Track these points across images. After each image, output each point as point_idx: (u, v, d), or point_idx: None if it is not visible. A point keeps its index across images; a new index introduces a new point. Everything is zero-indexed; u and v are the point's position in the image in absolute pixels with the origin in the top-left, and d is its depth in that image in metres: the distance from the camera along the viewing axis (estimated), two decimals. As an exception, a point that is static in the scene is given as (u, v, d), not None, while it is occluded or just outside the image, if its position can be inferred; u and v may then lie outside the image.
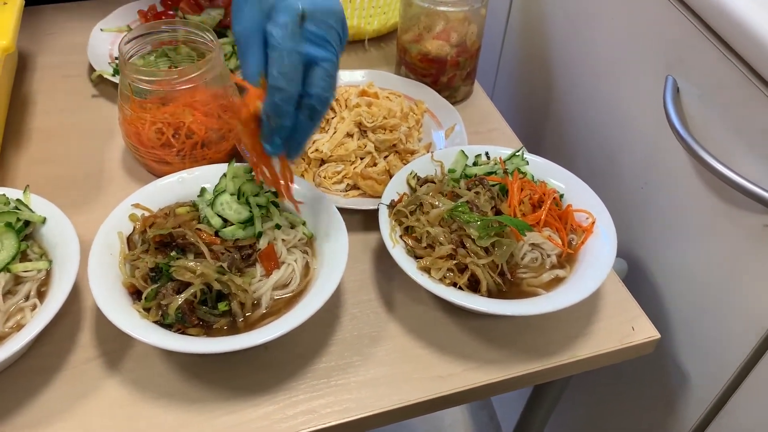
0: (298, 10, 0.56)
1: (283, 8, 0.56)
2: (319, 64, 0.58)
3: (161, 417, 0.62)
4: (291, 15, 0.56)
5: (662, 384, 0.84)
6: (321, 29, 0.57)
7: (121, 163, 0.86)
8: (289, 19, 0.56)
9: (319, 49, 0.57)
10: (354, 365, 0.66)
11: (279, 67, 0.57)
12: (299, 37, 0.56)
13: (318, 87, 0.58)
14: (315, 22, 0.56)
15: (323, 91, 0.59)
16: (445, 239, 0.67)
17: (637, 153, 0.84)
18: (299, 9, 0.56)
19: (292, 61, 0.57)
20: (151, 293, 0.62)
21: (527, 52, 1.11)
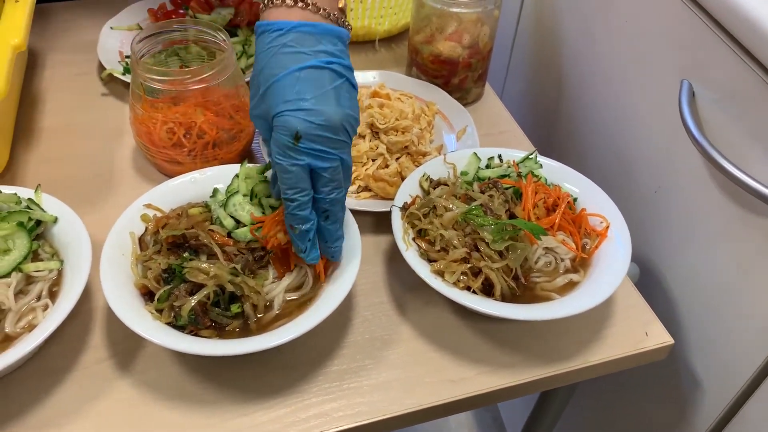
0: (292, 131, 0.56)
1: (279, 126, 0.57)
2: (320, 172, 0.59)
3: (173, 419, 0.61)
4: (286, 135, 0.57)
5: (674, 390, 0.84)
6: (318, 144, 0.57)
7: (131, 163, 0.86)
8: (284, 139, 0.57)
9: (318, 160, 0.58)
10: (366, 368, 0.66)
11: (283, 180, 0.59)
12: (296, 152, 0.57)
13: (322, 192, 0.60)
14: (311, 139, 0.57)
15: (327, 194, 0.60)
16: (459, 242, 0.66)
17: (650, 157, 0.83)
18: (294, 129, 0.56)
19: (293, 174, 0.58)
20: (163, 294, 0.62)
21: (538, 53, 1.11)
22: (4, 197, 0.68)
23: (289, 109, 0.57)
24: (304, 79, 0.57)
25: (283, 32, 0.58)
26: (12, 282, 0.63)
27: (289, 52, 0.58)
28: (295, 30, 0.58)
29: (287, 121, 0.56)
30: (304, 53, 0.58)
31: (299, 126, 0.56)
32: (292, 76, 0.57)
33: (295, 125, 0.56)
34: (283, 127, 0.57)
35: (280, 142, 0.57)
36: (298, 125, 0.56)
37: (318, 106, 0.57)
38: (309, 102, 0.57)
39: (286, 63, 0.57)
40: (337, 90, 0.58)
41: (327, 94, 0.57)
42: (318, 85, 0.57)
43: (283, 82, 0.57)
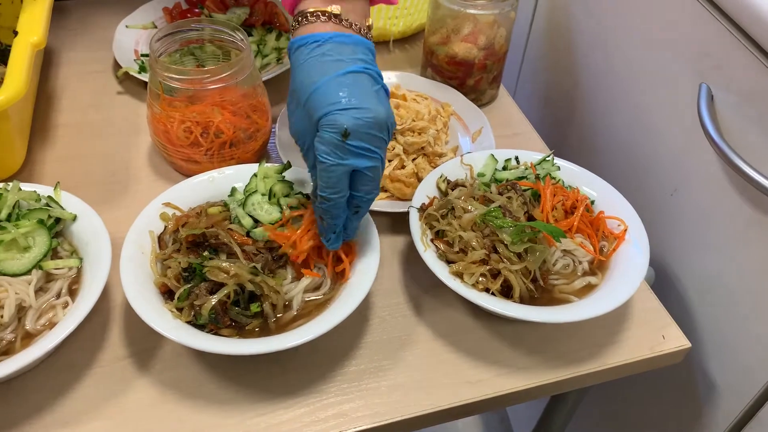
0: (341, 128, 0.57)
1: (327, 125, 0.58)
2: (363, 171, 0.60)
3: (192, 418, 0.61)
4: (335, 132, 0.57)
5: (689, 393, 0.84)
6: (365, 142, 0.58)
7: (147, 161, 0.86)
8: (332, 137, 0.58)
9: (363, 159, 0.59)
10: (384, 369, 0.66)
11: (324, 180, 0.60)
12: (343, 151, 0.58)
13: (362, 191, 0.62)
14: (359, 137, 0.58)
15: (366, 194, 0.62)
16: (478, 244, 0.66)
17: (667, 159, 0.83)
18: (343, 127, 0.57)
19: (336, 174, 0.59)
20: (184, 293, 0.62)
21: (551, 55, 1.10)
22: (24, 194, 0.68)
23: (337, 109, 0.57)
24: (348, 82, 0.59)
25: (320, 43, 0.61)
26: (32, 279, 0.63)
27: (329, 60, 0.60)
28: (332, 40, 0.61)
29: (336, 119, 0.57)
30: (343, 60, 0.60)
31: (348, 123, 0.57)
32: (334, 81, 0.59)
33: (343, 122, 0.57)
34: (331, 126, 0.57)
35: (327, 140, 0.58)
36: (346, 122, 0.57)
37: (364, 104, 0.58)
38: (355, 101, 0.58)
39: (326, 70, 0.59)
40: (378, 92, 0.60)
41: (370, 94, 0.59)
42: (361, 87, 0.59)
43: (326, 87, 0.58)
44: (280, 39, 1.02)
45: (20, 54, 0.74)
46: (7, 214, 0.66)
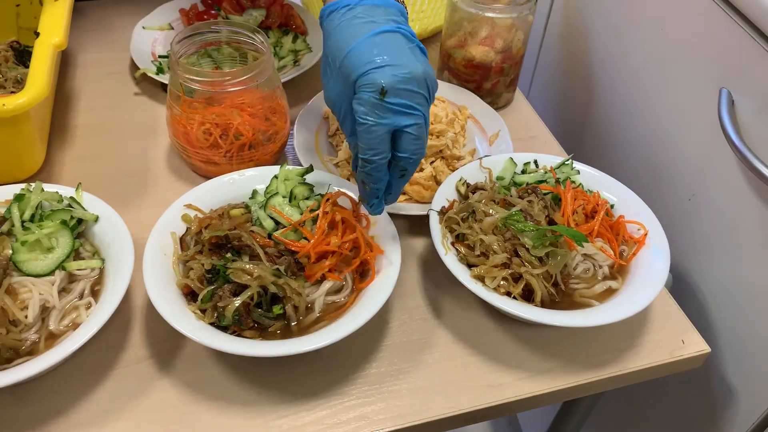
0: (378, 86, 0.57)
1: (364, 85, 0.58)
2: (406, 130, 0.59)
3: (215, 419, 0.61)
4: (372, 91, 0.57)
5: (705, 398, 0.84)
6: (403, 98, 0.58)
7: (166, 162, 0.86)
8: (370, 96, 0.58)
9: (404, 117, 0.59)
10: (404, 371, 0.66)
11: (365, 141, 0.59)
12: (382, 110, 0.58)
13: (407, 151, 0.60)
14: (396, 94, 0.57)
15: (412, 154, 0.61)
16: (499, 248, 0.66)
17: (685, 165, 0.83)
18: (380, 85, 0.57)
19: (377, 134, 0.59)
20: (207, 295, 0.62)
21: (566, 59, 1.11)
22: (47, 195, 0.68)
23: (372, 68, 0.58)
24: (381, 42, 0.59)
25: (351, 6, 0.61)
26: (56, 280, 0.63)
27: (361, 22, 0.60)
28: (362, 3, 0.61)
29: (373, 77, 0.57)
30: (375, 21, 0.60)
31: (385, 80, 0.57)
32: (368, 41, 0.59)
33: (380, 80, 0.57)
34: (369, 84, 0.58)
35: (365, 99, 0.58)
36: (383, 80, 0.57)
37: (400, 61, 0.58)
38: (390, 59, 0.58)
39: (359, 32, 0.59)
40: (413, 50, 0.60)
41: (405, 52, 0.59)
42: (396, 45, 0.59)
43: (360, 47, 0.59)
44: (296, 41, 1.02)
45: (42, 55, 0.75)
46: (30, 215, 0.66)
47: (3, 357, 0.59)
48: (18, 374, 0.56)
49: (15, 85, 0.87)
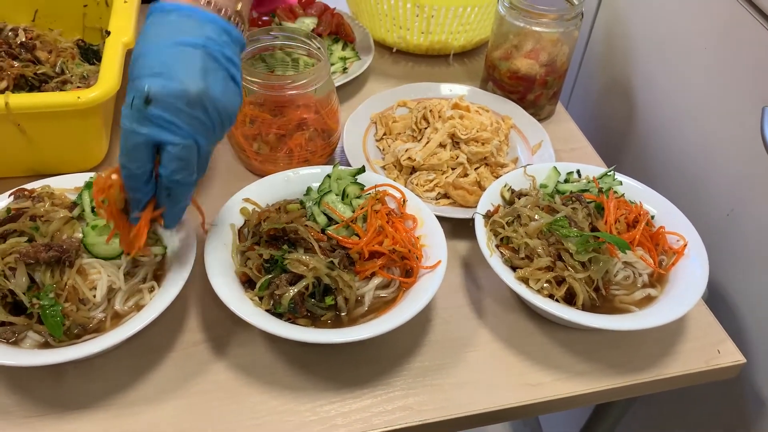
0: (144, 93, 0.54)
1: (132, 88, 0.55)
2: (166, 147, 0.56)
3: (266, 402, 0.65)
4: (138, 96, 0.55)
5: (738, 410, 0.85)
6: (168, 113, 0.55)
7: (222, 158, 0.90)
8: (135, 100, 0.55)
9: (165, 132, 0.55)
10: (447, 366, 0.69)
11: (122, 144, 0.57)
12: (142, 118, 0.55)
13: (166, 169, 0.57)
14: (161, 106, 0.54)
15: (171, 173, 0.57)
16: (544, 251, 0.69)
17: (725, 180, 0.85)
18: (146, 91, 0.54)
19: (133, 141, 0.56)
20: (264, 283, 0.65)
21: (607, 74, 1.13)
22: (115, 184, 0.72)
23: (148, 74, 0.55)
24: (174, 53, 0.55)
25: (166, 11, 0.58)
26: (122, 264, 0.67)
27: (167, 29, 0.57)
28: (179, 11, 0.57)
29: (142, 83, 0.54)
30: (183, 31, 0.56)
31: (152, 88, 0.54)
32: (163, 49, 0.56)
33: (148, 86, 0.54)
34: (136, 89, 0.55)
35: (130, 103, 0.55)
36: (151, 87, 0.54)
37: (178, 75, 0.55)
38: (170, 71, 0.55)
39: (160, 38, 0.56)
40: (207, 71, 0.56)
41: (193, 69, 0.55)
42: (186, 59, 0.55)
43: (151, 53, 0.56)
44: (345, 49, 1.06)
45: (113, 52, 0.79)
46: (100, 202, 0.70)
47: (72, 333, 0.63)
48: (85, 349, 0.60)
49: (81, 81, 0.91)
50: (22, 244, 0.65)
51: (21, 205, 0.69)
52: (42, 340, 0.62)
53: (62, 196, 0.72)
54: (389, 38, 1.10)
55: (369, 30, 1.10)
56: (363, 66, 1.02)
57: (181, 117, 0.55)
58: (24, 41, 0.92)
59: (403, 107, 0.97)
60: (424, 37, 1.06)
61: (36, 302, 0.61)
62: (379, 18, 1.06)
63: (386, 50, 1.13)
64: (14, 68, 0.87)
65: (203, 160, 0.60)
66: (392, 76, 1.09)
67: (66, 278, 0.64)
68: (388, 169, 0.87)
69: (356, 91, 1.04)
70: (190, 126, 0.56)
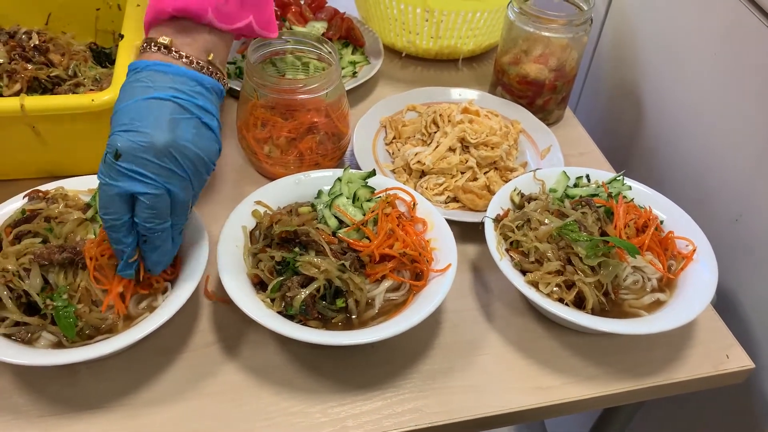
0: (114, 148, 0.58)
1: (108, 144, 0.59)
2: (138, 197, 0.59)
3: (277, 404, 0.65)
4: (110, 152, 0.58)
5: (745, 416, 0.85)
6: (137, 166, 0.57)
7: (233, 160, 0.90)
8: (108, 156, 0.58)
9: (136, 183, 0.58)
10: (456, 370, 0.69)
11: (99, 197, 0.60)
12: (115, 172, 0.58)
13: (139, 218, 0.60)
14: (130, 159, 0.57)
15: (144, 221, 0.60)
16: (554, 255, 0.69)
17: (732, 186, 0.85)
18: (115, 147, 0.57)
19: (106, 194, 0.59)
20: (276, 285, 0.66)
21: (615, 79, 1.13)
22: (128, 186, 0.73)
23: (119, 130, 0.58)
24: (144, 107, 0.58)
25: (138, 70, 0.61)
26: (135, 265, 0.67)
27: (139, 86, 0.60)
28: (150, 68, 0.60)
29: (113, 139, 0.58)
30: (152, 87, 0.59)
31: (121, 144, 0.57)
32: (133, 105, 0.59)
33: (117, 143, 0.57)
34: (108, 145, 0.58)
35: (104, 159, 0.59)
36: (120, 143, 0.57)
37: (145, 129, 0.58)
38: (138, 124, 0.58)
39: (132, 94, 0.59)
40: (177, 121, 0.59)
41: (161, 121, 0.58)
42: (154, 113, 0.58)
43: (123, 110, 0.59)
44: (355, 53, 1.07)
45: (126, 55, 0.80)
46: (113, 204, 0.71)
47: (85, 334, 0.63)
48: (98, 350, 0.60)
49: (93, 84, 0.92)
50: (37, 245, 0.65)
51: (35, 207, 0.70)
52: (55, 340, 0.63)
53: (76, 198, 0.73)
54: (398, 43, 1.10)
55: (378, 34, 1.10)
56: (373, 70, 1.03)
57: (149, 168, 0.58)
58: (37, 44, 0.93)
59: (412, 111, 0.97)
60: (434, 41, 1.07)
61: (50, 303, 0.62)
62: (388, 22, 1.07)
63: (395, 54, 1.14)
64: (28, 71, 0.87)
65: (180, 207, 0.62)
66: (401, 80, 1.09)
67: (79, 280, 0.64)
68: (398, 173, 0.88)
69: (366, 94, 1.05)
70: (159, 176, 0.58)
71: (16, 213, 0.70)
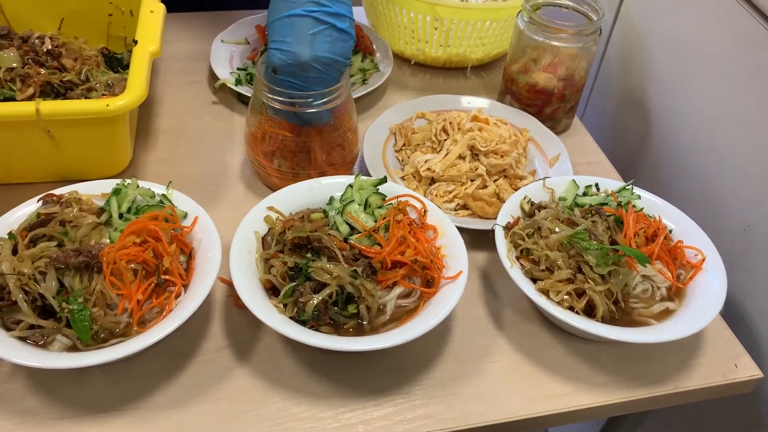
0: (271, 65, 0.75)
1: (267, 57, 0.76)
2: None
3: (289, 409, 0.65)
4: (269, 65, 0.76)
5: (752, 424, 0.85)
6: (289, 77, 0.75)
7: (242, 167, 0.91)
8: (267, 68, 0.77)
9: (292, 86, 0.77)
10: (466, 376, 0.70)
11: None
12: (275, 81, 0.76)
13: None
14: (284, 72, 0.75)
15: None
16: (564, 263, 0.70)
17: (741, 196, 0.86)
18: (272, 64, 0.75)
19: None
20: (288, 291, 0.66)
21: (622, 88, 1.14)
22: (141, 191, 0.74)
23: (272, 48, 0.74)
24: (287, 23, 0.73)
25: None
26: (148, 269, 0.68)
27: (282, 2, 0.73)
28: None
29: (270, 55, 0.74)
30: (291, 2, 0.73)
31: (276, 62, 0.73)
32: (278, 22, 0.73)
33: (273, 61, 0.74)
34: (268, 61, 0.75)
35: (265, 69, 0.77)
36: (275, 61, 0.74)
37: (292, 47, 0.72)
38: (286, 44, 0.73)
39: (278, 10, 0.74)
40: (315, 35, 0.73)
41: (303, 38, 0.72)
42: (297, 30, 0.72)
43: (274, 25, 0.74)
44: (364, 61, 1.08)
45: (140, 61, 0.81)
46: (127, 208, 0.72)
47: (99, 337, 0.64)
48: (112, 354, 0.61)
49: (106, 89, 0.93)
50: (52, 248, 0.66)
51: (50, 210, 0.71)
52: (70, 343, 0.63)
53: (89, 202, 0.74)
54: (408, 50, 1.11)
55: (388, 42, 1.11)
56: (382, 78, 1.04)
57: (299, 78, 0.75)
58: (50, 49, 0.93)
59: (421, 119, 0.98)
60: (443, 50, 1.08)
61: (65, 306, 0.62)
62: (398, 30, 1.08)
63: (404, 62, 1.14)
64: (41, 75, 0.88)
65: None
66: (410, 87, 1.10)
67: (94, 283, 0.65)
68: (408, 180, 0.88)
69: (375, 102, 1.06)
70: (308, 81, 0.75)
71: (31, 216, 0.70)
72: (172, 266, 0.67)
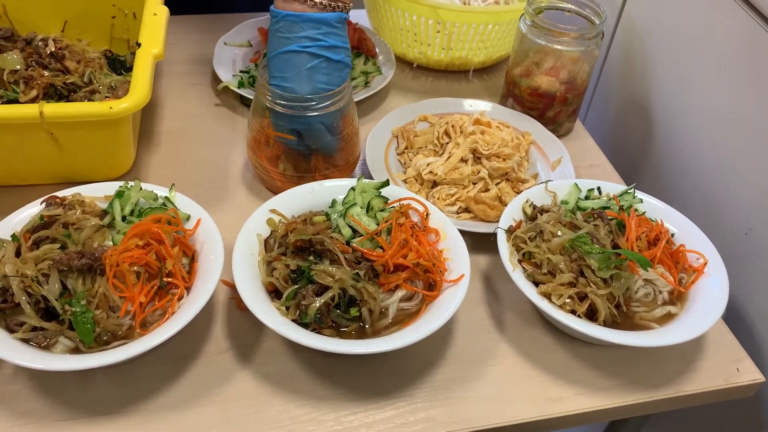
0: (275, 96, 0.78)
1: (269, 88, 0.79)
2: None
3: (291, 411, 0.65)
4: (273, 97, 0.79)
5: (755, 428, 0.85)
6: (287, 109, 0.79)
7: (245, 170, 0.91)
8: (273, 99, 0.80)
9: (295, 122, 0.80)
10: (468, 380, 0.70)
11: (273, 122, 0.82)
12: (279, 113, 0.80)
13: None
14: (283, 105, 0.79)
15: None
16: (566, 267, 0.70)
17: (743, 200, 0.86)
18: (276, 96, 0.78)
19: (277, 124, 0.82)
20: (291, 293, 0.66)
21: (624, 91, 1.14)
22: (144, 193, 0.74)
23: (274, 83, 0.78)
24: (284, 59, 0.77)
25: (276, 20, 0.77)
26: (151, 271, 0.68)
27: (279, 37, 0.77)
28: (284, 19, 0.76)
29: (273, 87, 0.77)
30: (288, 38, 0.76)
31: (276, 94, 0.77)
32: (278, 57, 0.77)
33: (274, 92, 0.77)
34: (270, 91, 0.78)
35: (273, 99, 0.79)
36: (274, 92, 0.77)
37: (290, 83, 0.77)
38: (285, 79, 0.77)
39: (276, 46, 0.77)
40: (311, 69, 0.77)
41: (301, 74, 0.77)
42: (294, 66, 0.77)
43: (273, 60, 0.78)
44: (367, 63, 1.08)
45: (143, 64, 0.81)
46: (130, 210, 0.72)
47: (102, 339, 0.64)
48: (115, 356, 0.61)
49: (109, 91, 0.93)
50: (55, 251, 0.66)
51: (53, 213, 0.71)
52: (72, 345, 0.63)
53: (92, 204, 0.74)
54: (410, 53, 1.11)
55: (390, 45, 1.11)
56: (385, 81, 1.04)
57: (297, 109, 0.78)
58: (53, 51, 0.94)
59: (424, 122, 0.98)
60: (445, 53, 1.08)
61: (68, 309, 0.62)
62: (400, 33, 1.08)
63: (407, 65, 1.14)
64: (44, 77, 0.88)
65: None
66: (412, 90, 1.10)
67: (97, 286, 0.65)
68: (410, 183, 0.88)
69: (377, 104, 1.06)
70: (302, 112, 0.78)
71: (34, 219, 0.70)
72: (175, 269, 0.67)
